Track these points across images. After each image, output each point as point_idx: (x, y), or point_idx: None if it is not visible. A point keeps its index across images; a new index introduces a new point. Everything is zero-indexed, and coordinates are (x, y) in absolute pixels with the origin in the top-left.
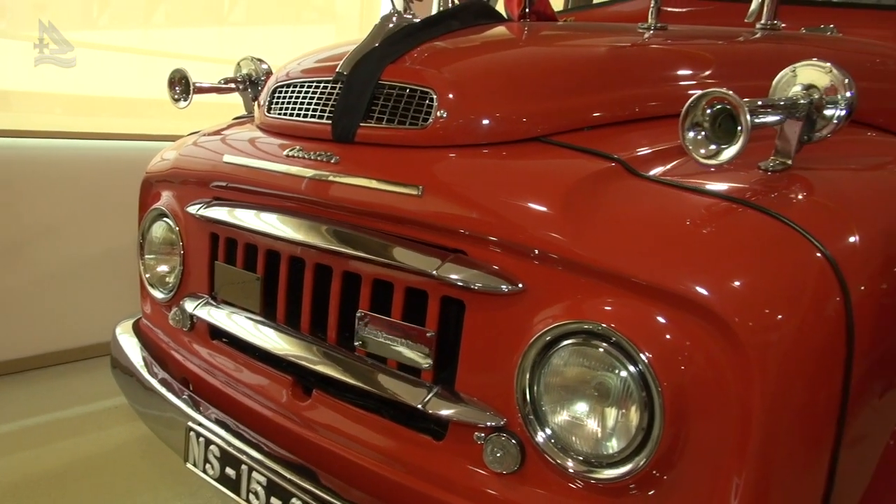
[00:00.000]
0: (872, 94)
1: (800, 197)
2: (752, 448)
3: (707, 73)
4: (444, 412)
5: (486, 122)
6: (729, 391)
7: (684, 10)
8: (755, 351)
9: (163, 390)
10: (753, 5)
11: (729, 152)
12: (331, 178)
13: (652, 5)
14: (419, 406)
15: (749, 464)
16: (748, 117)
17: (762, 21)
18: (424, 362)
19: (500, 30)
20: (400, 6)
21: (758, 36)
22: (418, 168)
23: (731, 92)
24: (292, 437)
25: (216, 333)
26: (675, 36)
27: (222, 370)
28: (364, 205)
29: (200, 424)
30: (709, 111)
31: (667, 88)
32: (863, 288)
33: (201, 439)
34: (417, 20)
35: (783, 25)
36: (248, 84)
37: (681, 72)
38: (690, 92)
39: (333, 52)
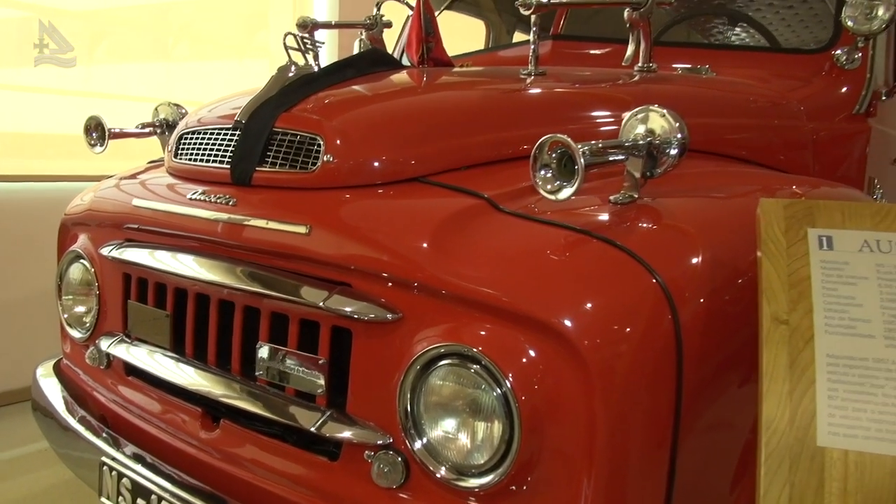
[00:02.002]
0: (738, 129)
1: (640, 227)
2: (599, 451)
3: (578, 114)
4: (336, 434)
5: (370, 164)
6: (577, 403)
7: (601, 51)
8: (597, 367)
9: (80, 429)
10: (629, 51)
11: (567, 190)
12: (228, 220)
13: (531, 49)
14: (312, 429)
15: (597, 464)
16: (582, 160)
17: (639, 64)
18: (318, 388)
19: (391, 77)
20: (296, 58)
21: (636, 78)
22: (307, 209)
23: (567, 137)
24: (202, 466)
25: (131, 370)
26: (552, 80)
27: (137, 405)
28: (259, 243)
29: (113, 459)
30: (554, 154)
31: (538, 130)
32: (690, 308)
33: (114, 473)
34: (316, 69)
35: (657, 67)
36: (166, 128)
37: (552, 114)
38: (562, 132)
39: (235, 101)
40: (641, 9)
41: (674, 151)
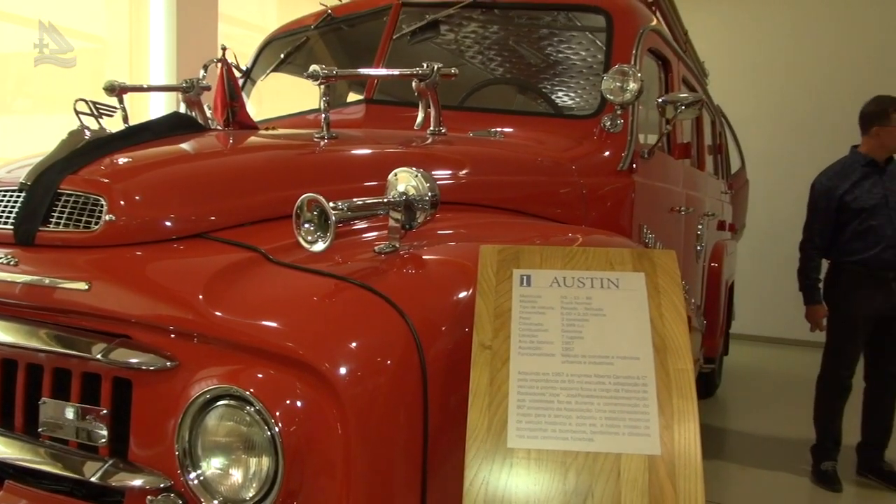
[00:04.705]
0: (517, 185)
1: (397, 274)
2: (355, 477)
3: (360, 174)
4: (117, 482)
5: (152, 223)
6: (335, 434)
7: (411, 115)
8: (351, 402)
9: None
10: (419, 117)
11: (321, 243)
12: (9, 279)
13: (323, 118)
14: (93, 479)
15: (354, 490)
16: (333, 217)
17: (431, 128)
18: (100, 439)
19: (185, 140)
20: (88, 122)
21: (427, 141)
22: (87, 266)
23: (321, 197)
24: None
25: None
26: (341, 143)
27: None
28: (40, 301)
29: None
30: (315, 211)
31: (319, 189)
32: (436, 346)
33: None
34: (108, 132)
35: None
36: None
37: (333, 175)
38: (343, 190)
39: (22, 164)
40: (427, 80)
41: (428, 206)
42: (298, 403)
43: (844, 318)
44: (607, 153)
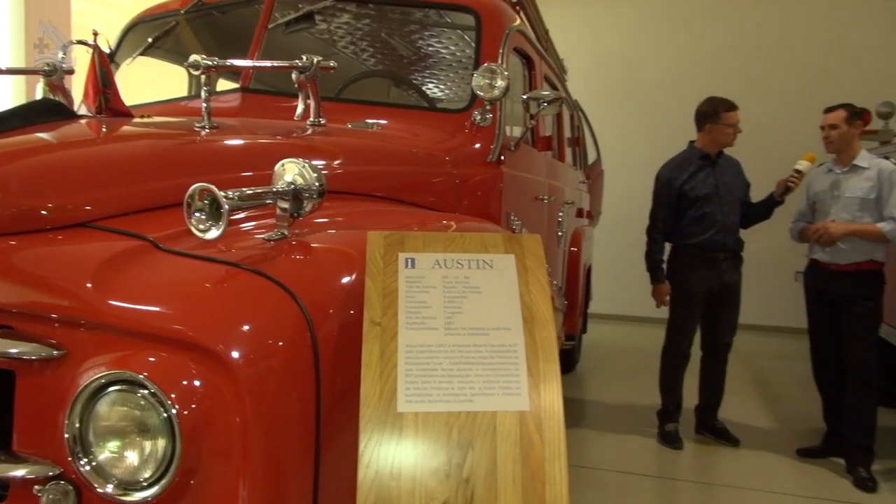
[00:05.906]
0: (394, 175)
1: (287, 259)
2: (251, 452)
3: (245, 163)
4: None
5: (31, 212)
6: (231, 414)
7: (288, 104)
8: (246, 381)
9: None
10: (299, 108)
11: (215, 231)
12: None
13: (203, 108)
14: None
15: (250, 465)
16: (226, 206)
17: (311, 118)
18: None
19: (59, 127)
20: None
21: (307, 132)
22: None
23: (213, 186)
24: None
25: None
26: (223, 133)
27: None
28: None
29: None
30: (206, 200)
31: (205, 178)
32: (326, 326)
33: None
34: None
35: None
36: None
37: (218, 164)
38: (226, 179)
39: None
40: (307, 72)
41: (315, 196)
42: (195, 383)
43: (684, 294)
44: (478, 145)
